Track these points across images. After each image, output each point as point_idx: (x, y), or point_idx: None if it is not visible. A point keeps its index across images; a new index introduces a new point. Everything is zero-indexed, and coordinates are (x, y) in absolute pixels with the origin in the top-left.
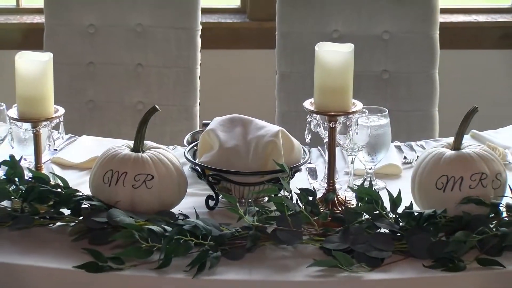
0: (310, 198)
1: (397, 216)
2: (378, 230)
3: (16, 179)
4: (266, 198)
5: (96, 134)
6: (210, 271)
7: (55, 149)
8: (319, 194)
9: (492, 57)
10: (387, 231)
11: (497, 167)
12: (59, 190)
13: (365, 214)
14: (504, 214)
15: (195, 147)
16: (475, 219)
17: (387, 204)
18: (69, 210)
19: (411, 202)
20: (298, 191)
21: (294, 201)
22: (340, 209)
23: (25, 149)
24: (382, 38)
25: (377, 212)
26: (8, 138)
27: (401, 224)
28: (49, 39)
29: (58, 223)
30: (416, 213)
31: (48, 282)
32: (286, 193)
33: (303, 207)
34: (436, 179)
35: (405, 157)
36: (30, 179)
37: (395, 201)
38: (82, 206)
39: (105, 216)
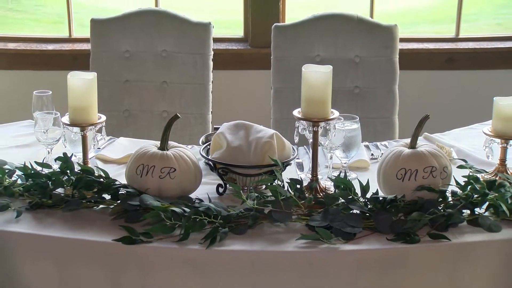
0: (298, 186)
1: (366, 200)
2: (351, 211)
3: (68, 171)
4: (264, 186)
5: (130, 136)
6: (220, 243)
7: (99, 148)
8: (305, 183)
9: (439, 77)
10: (358, 212)
11: (444, 162)
12: (101, 180)
13: (341, 198)
14: (450, 199)
15: (208, 146)
16: (427, 203)
17: (358, 191)
18: (109, 196)
19: (377, 189)
20: (289, 181)
21: (286, 188)
22: (321, 194)
23: (75, 148)
24: (354, 61)
25: (350, 197)
26: (61, 139)
27: (369, 206)
28: (94, 61)
29: (101, 206)
30: (381, 198)
31: (93, 252)
32: (279, 182)
33: (293, 193)
34: (396, 171)
35: (372, 154)
36: (79, 171)
37: (365, 188)
38: (120, 192)
39: (137, 200)
